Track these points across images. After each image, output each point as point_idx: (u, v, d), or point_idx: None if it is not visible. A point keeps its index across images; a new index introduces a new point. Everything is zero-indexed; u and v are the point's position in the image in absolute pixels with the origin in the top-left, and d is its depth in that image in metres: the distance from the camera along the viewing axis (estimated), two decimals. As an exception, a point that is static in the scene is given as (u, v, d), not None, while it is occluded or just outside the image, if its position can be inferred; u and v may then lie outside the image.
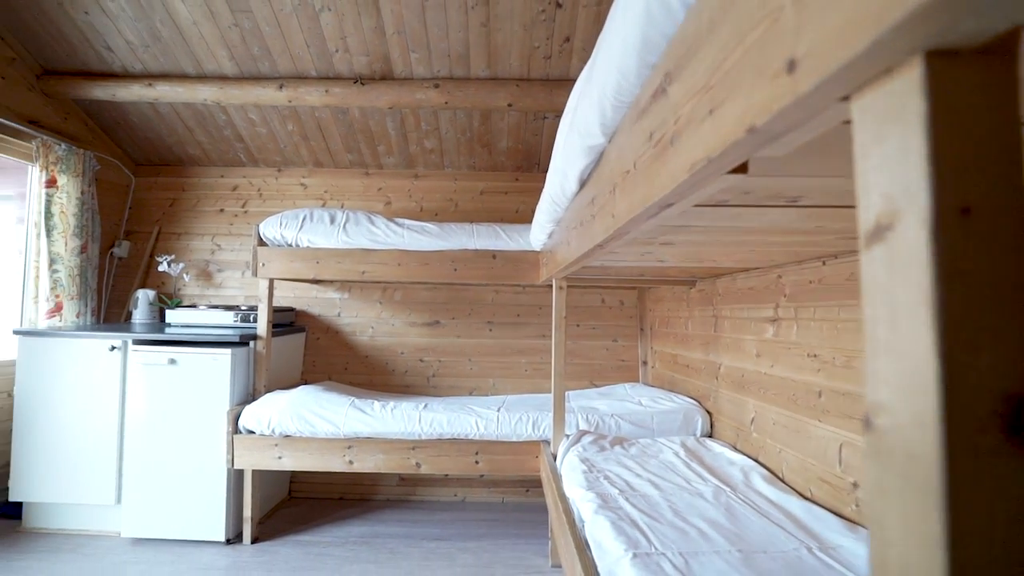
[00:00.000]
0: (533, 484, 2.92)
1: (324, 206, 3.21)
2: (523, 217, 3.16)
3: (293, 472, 2.95)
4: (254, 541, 2.40)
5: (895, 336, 0.28)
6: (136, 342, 2.42)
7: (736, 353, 1.95)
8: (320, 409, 2.30)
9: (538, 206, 1.83)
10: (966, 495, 0.25)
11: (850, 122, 0.33)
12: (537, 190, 3.17)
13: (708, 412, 2.20)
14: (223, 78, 2.74)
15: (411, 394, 2.97)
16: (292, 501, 2.93)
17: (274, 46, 2.55)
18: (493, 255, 2.41)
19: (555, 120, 2.87)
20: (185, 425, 2.37)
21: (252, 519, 2.38)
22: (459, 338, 3.08)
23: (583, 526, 1.38)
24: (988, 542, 0.24)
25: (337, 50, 2.55)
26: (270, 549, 2.36)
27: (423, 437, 2.25)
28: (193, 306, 2.88)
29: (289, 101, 2.72)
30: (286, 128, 3.00)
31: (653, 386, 2.85)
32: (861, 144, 0.31)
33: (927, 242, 0.26)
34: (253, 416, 2.31)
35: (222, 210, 3.29)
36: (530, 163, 3.19)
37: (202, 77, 2.76)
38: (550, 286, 2.90)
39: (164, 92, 2.75)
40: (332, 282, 3.11)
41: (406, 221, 2.48)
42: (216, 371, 2.36)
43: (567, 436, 2.06)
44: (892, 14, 0.24)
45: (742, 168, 0.52)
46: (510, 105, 2.68)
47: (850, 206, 0.79)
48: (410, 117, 2.88)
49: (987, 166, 0.26)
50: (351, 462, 2.26)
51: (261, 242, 2.53)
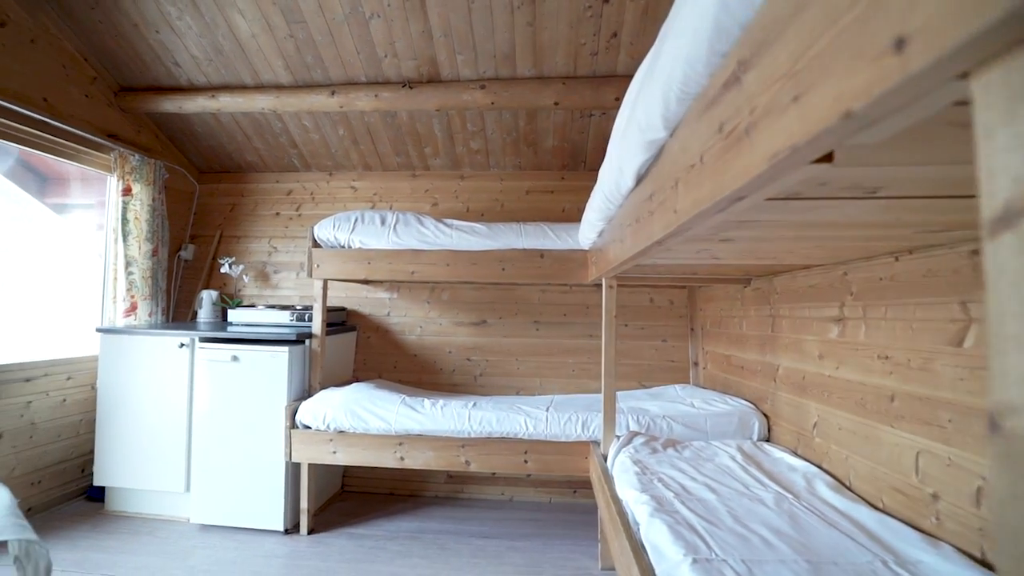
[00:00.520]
0: (580, 485, 2.90)
1: (373, 208, 3.30)
2: (570, 216, 3.14)
3: (345, 467, 3.04)
4: (310, 532, 2.48)
5: (1029, 332, 0.26)
6: (202, 340, 2.56)
7: (796, 354, 1.87)
8: (372, 406, 2.36)
9: (588, 204, 1.81)
10: None
11: (964, 103, 0.31)
12: (583, 189, 3.15)
13: (765, 415, 2.12)
14: (279, 87, 2.86)
15: (459, 393, 3.01)
16: (345, 495, 3.02)
17: (326, 54, 2.63)
18: (541, 254, 2.40)
19: (602, 117, 2.84)
20: (246, 419, 2.48)
21: (308, 511, 2.47)
22: (506, 338, 3.09)
23: (638, 529, 1.35)
24: None
25: (386, 55, 2.61)
26: (325, 540, 2.44)
27: (472, 435, 2.27)
28: (252, 306, 3.02)
29: (340, 107, 2.80)
30: (337, 133, 3.09)
31: (705, 388, 2.77)
32: (985, 124, 0.28)
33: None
34: (309, 412, 2.40)
35: (278, 214, 3.44)
36: (576, 161, 3.17)
37: (260, 87, 2.88)
38: (598, 285, 2.87)
39: (226, 103, 2.90)
40: (382, 282, 3.19)
41: (454, 221, 2.52)
42: (275, 368, 2.46)
43: (617, 437, 2.03)
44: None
45: (827, 158, 0.49)
46: (556, 104, 2.67)
47: (936, 196, 0.74)
48: (456, 119, 2.91)
49: None
50: (402, 458, 2.31)
51: (316, 244, 2.63)
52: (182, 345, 2.60)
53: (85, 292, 3.12)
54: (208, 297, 3.21)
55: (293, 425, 2.42)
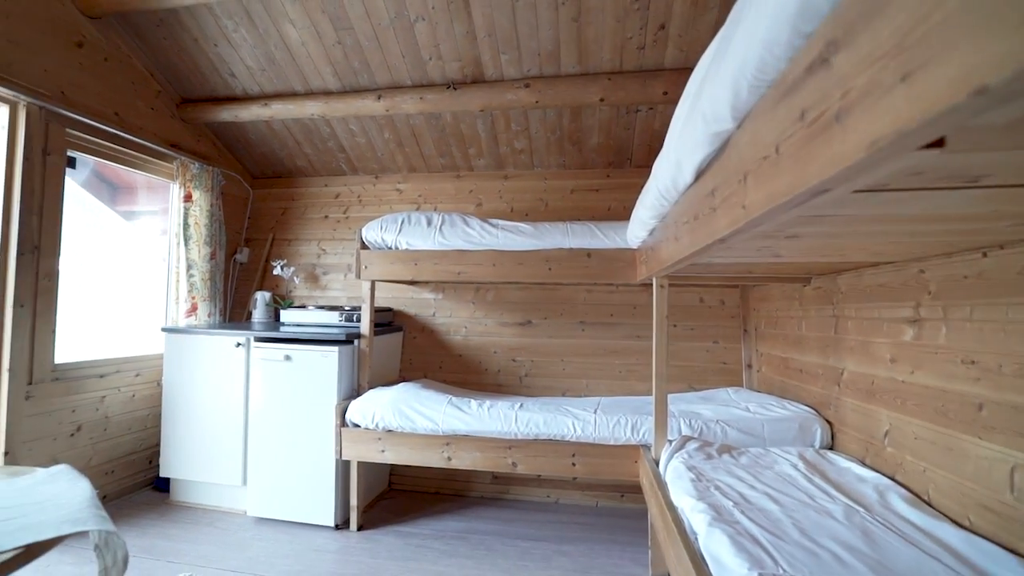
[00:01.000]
0: (628, 489, 2.83)
1: (418, 209, 3.34)
2: (615, 215, 3.08)
3: (392, 465, 3.08)
4: (359, 528, 2.53)
5: None
6: (257, 339, 2.65)
7: (863, 357, 1.75)
8: (420, 406, 2.38)
9: (639, 201, 1.76)
10: None
11: None
12: (630, 186, 3.09)
13: (828, 422, 2.00)
14: (327, 93, 2.93)
15: (504, 393, 3.00)
16: (392, 493, 3.07)
17: (372, 59, 2.68)
18: (588, 254, 2.36)
19: (648, 113, 2.77)
20: (298, 416, 2.56)
21: (358, 507, 2.51)
22: (551, 338, 3.06)
23: (696, 539, 1.29)
24: None
25: (430, 58, 2.63)
26: (374, 537, 2.48)
27: (519, 437, 2.25)
28: (303, 306, 3.11)
29: (386, 110, 2.85)
30: (383, 136, 3.15)
31: (760, 391, 2.65)
32: None
33: None
34: (358, 411, 2.44)
35: (326, 217, 3.53)
36: (621, 159, 3.10)
37: (309, 93, 2.97)
38: (646, 285, 2.80)
39: (278, 110, 2.99)
40: (427, 283, 3.22)
41: (500, 221, 2.51)
42: (325, 367, 2.53)
43: (669, 442, 1.96)
44: None
45: (937, 143, 0.44)
46: (602, 100, 2.62)
47: (1047, 185, 0.67)
48: (500, 119, 2.90)
49: None
50: (449, 458, 2.32)
51: (364, 246, 2.67)
52: (238, 344, 2.70)
53: (151, 294, 3.30)
54: (262, 298, 3.33)
55: (343, 423, 2.47)
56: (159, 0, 2.39)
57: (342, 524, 2.55)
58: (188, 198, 3.12)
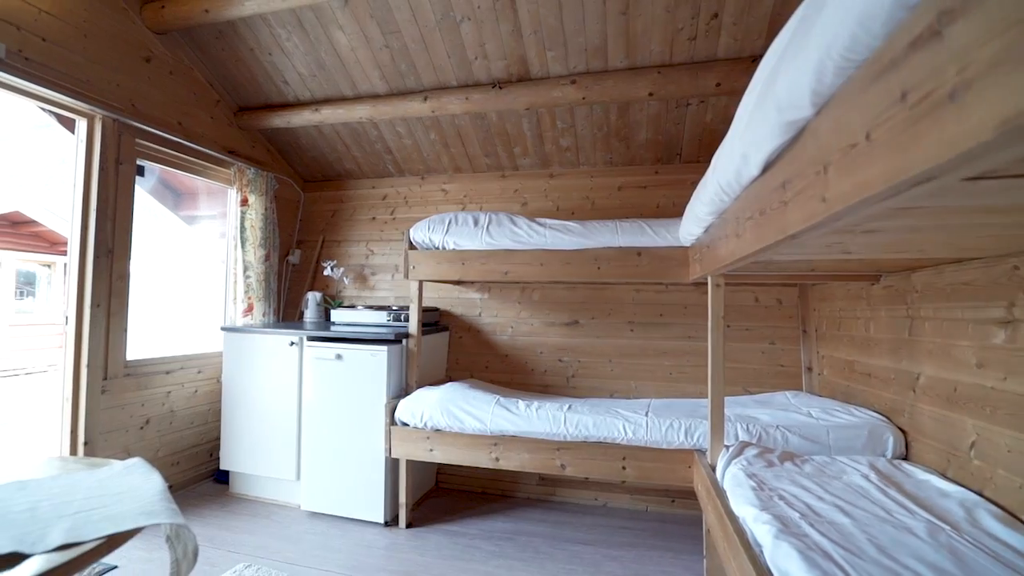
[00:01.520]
0: (680, 494, 2.75)
1: (463, 209, 3.35)
2: (664, 212, 2.99)
3: (439, 464, 3.11)
4: (408, 526, 2.56)
5: None
6: (309, 339, 2.73)
7: (944, 361, 1.62)
8: (467, 406, 2.39)
9: (694, 197, 1.69)
10: None
11: None
12: (678, 182, 3.00)
13: (901, 430, 1.87)
14: (375, 96, 2.99)
15: (551, 394, 2.97)
16: (439, 491, 3.09)
17: (419, 61, 2.70)
18: (638, 252, 2.30)
19: (699, 106, 2.68)
20: (349, 414, 2.61)
21: (407, 505, 2.54)
22: (599, 338, 3.00)
23: (762, 552, 1.23)
24: None
25: (476, 57, 2.63)
26: (422, 535, 2.50)
27: (568, 439, 2.22)
28: (352, 306, 3.18)
29: (432, 111, 2.87)
30: (429, 137, 3.18)
31: (821, 395, 2.51)
32: None
33: None
34: (407, 410, 2.47)
35: (374, 218, 3.60)
36: (671, 154, 3.01)
37: (358, 97, 3.03)
38: (698, 284, 2.71)
39: (327, 115, 3.07)
40: (473, 283, 3.23)
41: (547, 220, 2.48)
42: (375, 366, 2.57)
43: (726, 447, 1.88)
44: None
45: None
46: (651, 94, 2.55)
47: None
48: (546, 116, 2.88)
49: None
50: (497, 459, 2.31)
51: (412, 246, 2.70)
52: (292, 343, 2.79)
53: (211, 294, 3.46)
54: (313, 298, 3.43)
55: (392, 422, 2.51)
56: (219, 13, 2.49)
57: (391, 521, 2.59)
58: (244, 202, 3.25)
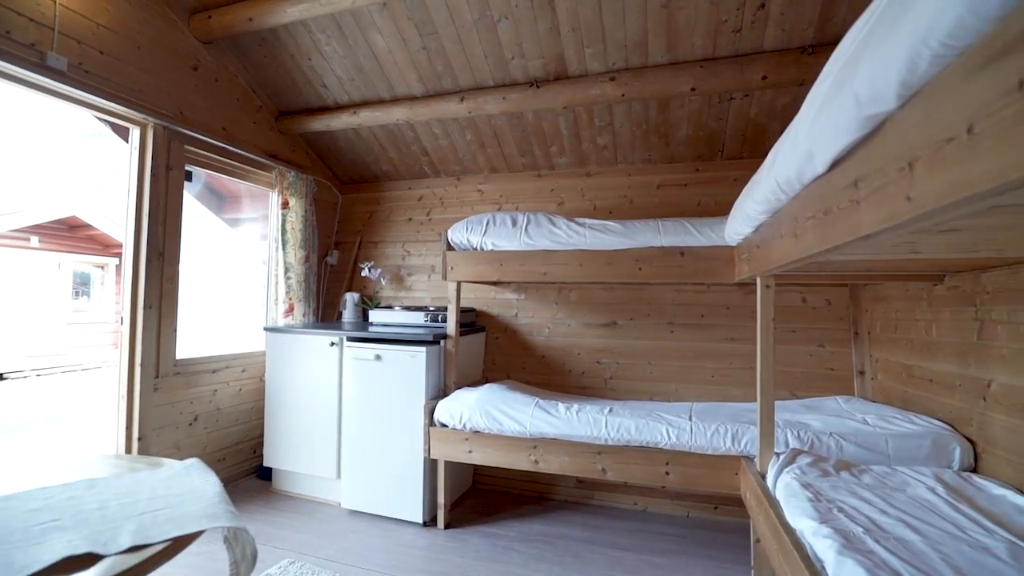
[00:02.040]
0: (722, 501, 2.67)
1: (499, 210, 3.34)
2: (705, 210, 2.91)
3: (476, 465, 3.11)
4: (446, 526, 2.57)
5: None
6: (349, 339, 2.77)
7: (1020, 368, 1.51)
8: (507, 408, 2.37)
9: (744, 196, 1.63)
10: None
11: None
12: (720, 180, 2.91)
13: (969, 440, 1.76)
14: (412, 98, 3.01)
15: (588, 395, 2.93)
16: (476, 492, 3.09)
17: (456, 61, 2.70)
18: (681, 252, 2.24)
19: (743, 100, 2.59)
20: (388, 414, 2.64)
21: (445, 506, 2.55)
22: (637, 340, 2.95)
23: (823, 567, 1.17)
24: None
25: (513, 57, 2.62)
26: (461, 536, 2.50)
27: (609, 442, 2.18)
28: (389, 307, 3.21)
29: (469, 112, 2.87)
30: (464, 138, 3.18)
31: (875, 401, 2.40)
32: None
33: None
34: (446, 411, 2.48)
35: (410, 219, 3.63)
36: (712, 151, 2.93)
37: (395, 99, 3.05)
38: (741, 284, 2.62)
39: (365, 118, 3.11)
40: (509, 283, 3.22)
41: (587, 220, 2.44)
42: (413, 367, 2.58)
43: (776, 455, 1.81)
44: None
45: None
46: (693, 90, 2.48)
47: None
48: (583, 115, 2.84)
49: None
50: (536, 462, 2.29)
51: (449, 247, 2.71)
52: (332, 344, 2.83)
53: (253, 295, 3.56)
54: (351, 299, 3.48)
55: (431, 423, 2.52)
56: (262, 20, 2.55)
57: (429, 521, 2.60)
58: (285, 205, 3.32)
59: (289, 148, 3.46)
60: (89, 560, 0.72)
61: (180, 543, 0.81)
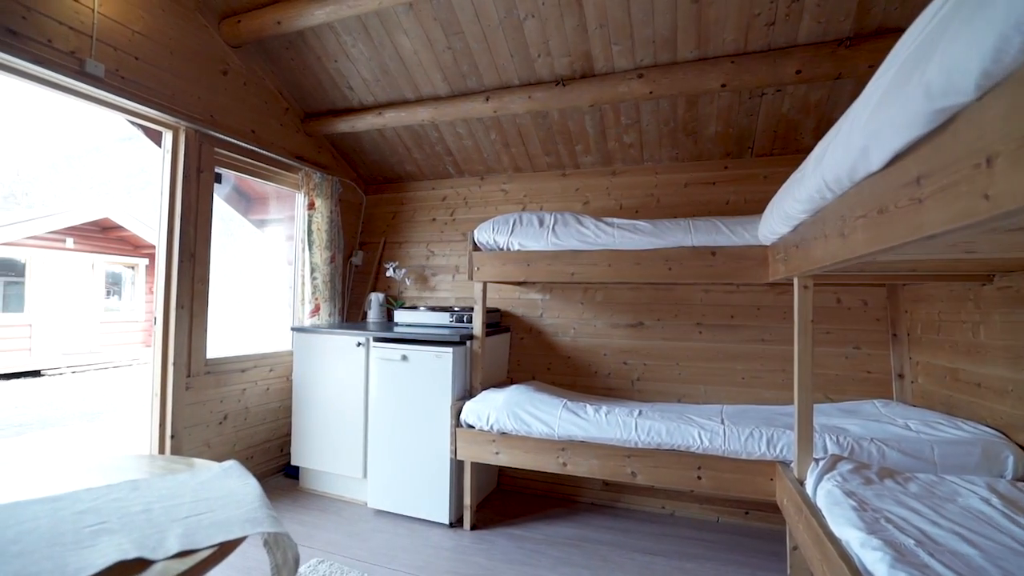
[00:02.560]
0: (754, 506, 2.61)
1: (524, 209, 3.32)
2: (735, 208, 2.85)
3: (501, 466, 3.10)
4: (473, 527, 2.56)
5: None
6: (376, 339, 2.78)
7: (1080, 373, 1.44)
8: (534, 409, 2.35)
9: (784, 194, 1.58)
10: None
11: None
12: (750, 177, 2.85)
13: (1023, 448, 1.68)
14: (437, 98, 3.00)
15: (615, 397, 2.90)
16: (501, 492, 3.08)
17: (481, 61, 2.69)
18: (712, 252, 2.19)
19: (775, 96, 2.53)
20: (414, 414, 2.64)
21: (471, 507, 2.54)
22: (665, 340, 2.90)
23: (874, 581, 1.12)
24: None
25: (539, 55, 2.59)
26: (487, 538, 2.49)
27: (640, 445, 2.14)
28: (415, 307, 3.22)
29: (494, 112, 2.85)
30: (489, 138, 3.16)
31: (916, 406, 2.31)
32: None
33: None
34: (473, 412, 2.47)
35: (434, 219, 3.63)
36: (741, 148, 2.86)
37: (420, 100, 3.05)
38: (773, 285, 2.56)
39: (390, 119, 3.12)
40: (534, 283, 3.19)
41: (616, 220, 2.40)
42: (440, 368, 2.58)
43: (816, 461, 1.75)
44: None
45: None
46: (723, 86, 2.42)
47: None
48: (610, 113, 2.80)
49: None
50: (565, 464, 2.26)
51: (476, 247, 2.70)
52: (359, 344, 2.84)
53: (279, 295, 3.60)
54: (376, 299, 3.50)
55: (458, 424, 2.51)
56: (290, 24, 2.57)
57: (456, 522, 2.60)
58: (311, 206, 3.35)
59: (315, 149, 3.49)
60: (139, 565, 0.73)
61: (226, 548, 0.80)
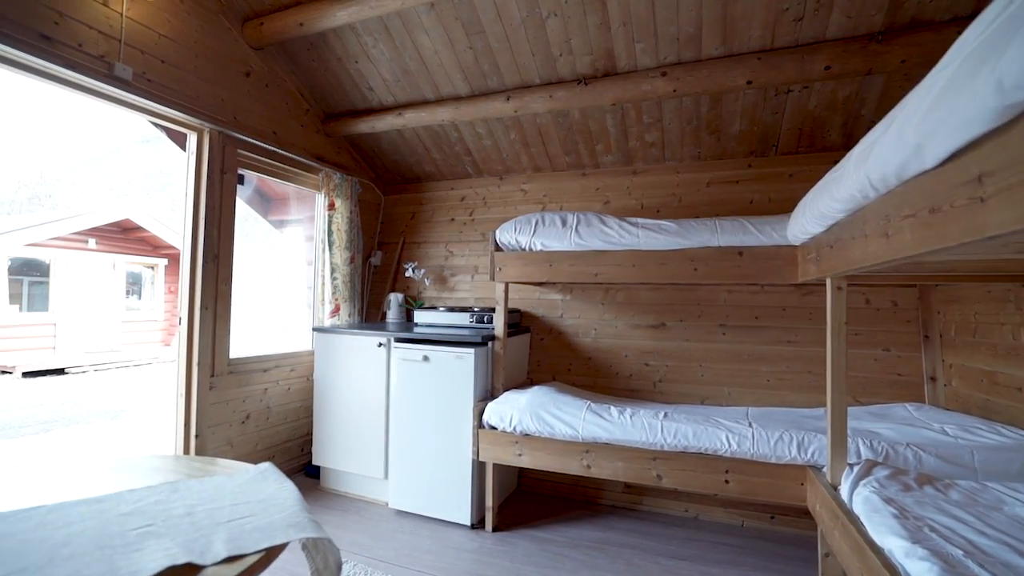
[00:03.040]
0: (780, 511, 2.56)
1: (543, 209, 3.30)
2: (759, 208, 2.81)
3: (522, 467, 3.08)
4: (494, 529, 2.54)
5: None
6: (397, 340, 2.78)
7: None
8: (558, 411, 2.33)
9: (821, 193, 1.54)
10: None
11: None
12: (774, 176, 2.80)
13: (1067, 454, 1.63)
14: (457, 98, 2.99)
15: (637, 398, 2.87)
16: (520, 493, 3.07)
17: (502, 60, 2.68)
18: (739, 252, 2.15)
19: (802, 92, 2.48)
20: (435, 415, 2.63)
21: (493, 508, 2.53)
22: (687, 341, 2.86)
23: (922, 593, 1.09)
24: None
25: (561, 54, 2.57)
26: (509, 540, 2.47)
27: (666, 448, 2.11)
28: (434, 308, 3.22)
29: (515, 111, 2.84)
30: (509, 137, 3.15)
31: (950, 409, 2.25)
32: None
33: None
34: (495, 413, 2.45)
35: (452, 219, 3.62)
36: (766, 146, 2.81)
37: (440, 100, 3.05)
38: (798, 285, 2.52)
39: (410, 119, 3.12)
40: (554, 283, 3.17)
41: (640, 220, 2.37)
42: (461, 369, 2.57)
43: (850, 466, 1.71)
44: None
45: None
46: (749, 83, 2.38)
47: None
48: (631, 111, 2.77)
49: None
50: (589, 467, 2.24)
51: (497, 248, 2.68)
52: (380, 344, 2.85)
53: (297, 295, 3.62)
54: (395, 299, 3.50)
55: (480, 425, 2.50)
56: (312, 25, 2.58)
57: (477, 523, 2.59)
58: (332, 206, 3.36)
59: (335, 150, 3.50)
60: (189, 570, 0.72)
61: (271, 553, 0.80)
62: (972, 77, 0.72)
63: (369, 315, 3.78)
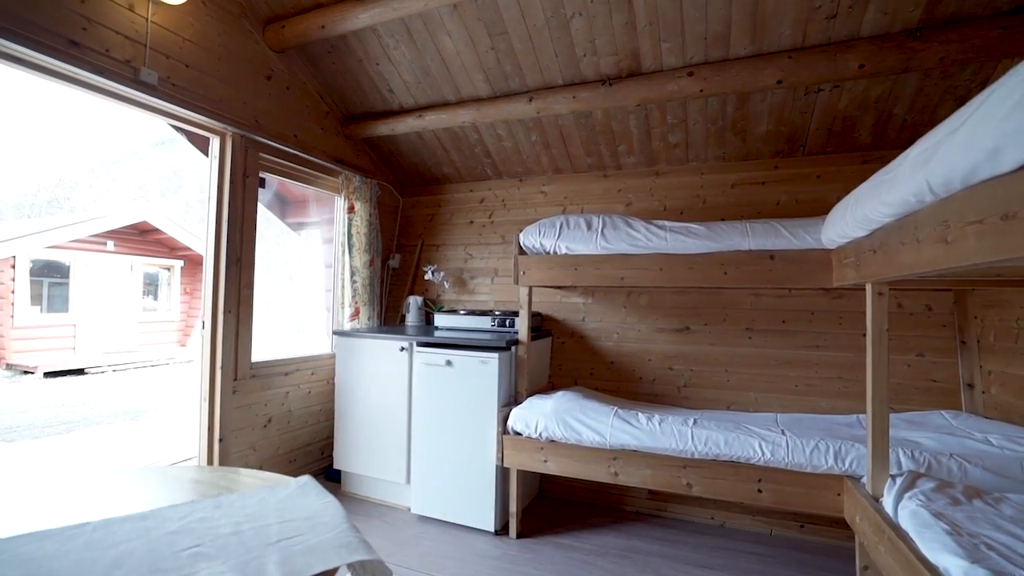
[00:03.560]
0: (810, 520, 2.51)
1: (564, 211, 3.26)
2: (786, 209, 2.75)
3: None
4: (518, 536, 2.52)
5: None
6: (419, 344, 2.76)
7: None
8: (584, 417, 2.30)
9: (868, 197, 1.49)
10: None
11: None
12: (801, 177, 2.74)
13: (1122, 466, 1.56)
14: (478, 100, 2.97)
15: (661, 404, 2.82)
16: (543, 500, 3.03)
17: (525, 62, 2.65)
18: (771, 255, 2.10)
19: (832, 92, 2.42)
20: (459, 420, 2.61)
21: (517, 515, 2.50)
22: (713, 346, 2.81)
23: (986, 615, 1.04)
24: None
25: (584, 54, 2.54)
26: (534, 547, 2.44)
27: (696, 456, 2.07)
28: (454, 311, 3.19)
29: (537, 112, 2.80)
30: (529, 139, 3.12)
31: (990, 418, 2.19)
32: None
33: None
34: (520, 418, 2.42)
35: (471, 222, 3.60)
36: (793, 147, 2.76)
37: (461, 102, 3.02)
38: (826, 289, 2.46)
39: (431, 121, 3.09)
40: (576, 287, 3.14)
41: (667, 223, 2.33)
42: (485, 373, 2.54)
43: (892, 477, 1.66)
44: None
45: None
46: (779, 82, 2.33)
47: None
48: (655, 112, 2.72)
49: None
50: (616, 474, 2.21)
51: (521, 251, 2.65)
52: (402, 349, 2.83)
53: (317, 298, 3.61)
54: (414, 302, 3.48)
55: (505, 431, 2.47)
56: (333, 28, 2.56)
57: (501, 530, 2.56)
58: (351, 209, 3.35)
59: (354, 153, 3.49)
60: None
61: (324, 577, 0.78)
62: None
63: (388, 318, 3.76)
